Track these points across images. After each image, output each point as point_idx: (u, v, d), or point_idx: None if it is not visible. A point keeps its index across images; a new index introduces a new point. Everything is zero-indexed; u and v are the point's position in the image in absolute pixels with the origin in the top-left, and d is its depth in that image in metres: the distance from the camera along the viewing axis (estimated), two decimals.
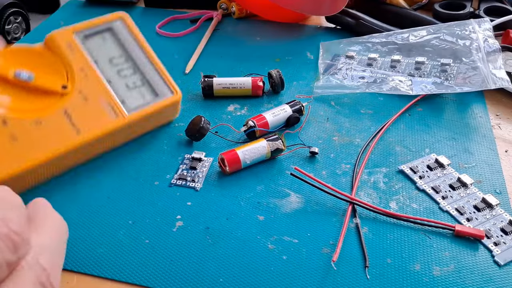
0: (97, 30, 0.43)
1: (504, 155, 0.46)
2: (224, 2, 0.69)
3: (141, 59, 0.44)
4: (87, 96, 0.40)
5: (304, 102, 0.50)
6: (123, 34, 0.44)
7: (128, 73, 0.42)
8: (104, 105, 0.40)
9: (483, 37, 0.54)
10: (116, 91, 0.41)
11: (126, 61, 0.43)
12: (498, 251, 0.37)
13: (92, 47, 0.42)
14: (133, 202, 0.41)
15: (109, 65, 0.42)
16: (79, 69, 0.40)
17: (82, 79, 0.40)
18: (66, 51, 0.40)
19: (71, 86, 0.39)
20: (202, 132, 0.45)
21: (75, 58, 0.41)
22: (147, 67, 0.44)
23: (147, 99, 0.42)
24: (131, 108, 0.41)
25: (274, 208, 0.40)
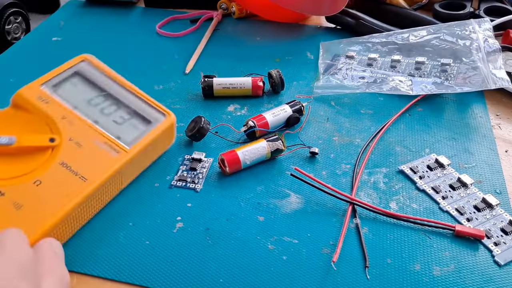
0: (64, 77, 0.41)
1: (504, 155, 0.46)
2: (224, 2, 0.69)
3: (120, 93, 0.42)
4: (79, 142, 0.37)
5: (304, 102, 0.50)
6: (92, 73, 0.42)
7: (112, 110, 0.40)
8: (101, 145, 0.38)
9: (483, 37, 0.54)
10: (107, 129, 0.39)
11: (106, 99, 0.41)
12: (498, 251, 0.37)
13: (65, 95, 0.40)
14: (134, 203, 0.41)
15: (90, 107, 0.40)
16: (60, 118, 0.38)
17: (67, 127, 0.38)
18: (39, 105, 0.38)
19: (59, 137, 0.37)
20: (202, 132, 0.45)
21: (52, 109, 0.38)
22: (129, 98, 0.42)
23: (141, 128, 0.40)
24: (129, 141, 0.39)
25: (274, 208, 0.40)
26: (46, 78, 0.40)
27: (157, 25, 0.67)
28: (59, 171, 0.35)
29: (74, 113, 0.39)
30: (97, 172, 0.36)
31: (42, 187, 0.34)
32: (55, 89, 0.40)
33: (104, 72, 0.43)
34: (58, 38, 0.65)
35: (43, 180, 0.34)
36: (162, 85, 0.55)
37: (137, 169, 0.42)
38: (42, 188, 0.34)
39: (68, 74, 0.41)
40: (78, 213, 0.36)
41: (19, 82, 0.56)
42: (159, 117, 0.42)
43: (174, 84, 0.56)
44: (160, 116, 0.42)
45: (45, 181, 0.34)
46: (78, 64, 0.43)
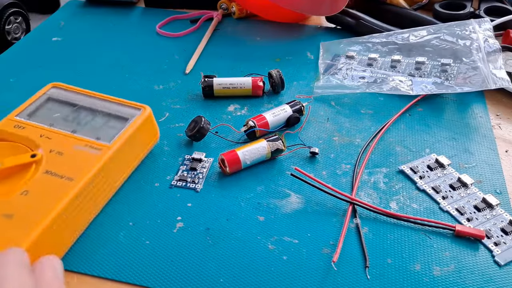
0: (37, 105, 0.43)
1: (504, 155, 0.46)
2: (224, 2, 0.69)
3: (92, 103, 0.43)
4: (60, 150, 0.38)
5: (304, 102, 0.50)
6: (63, 95, 0.44)
7: (88, 119, 0.42)
8: (82, 148, 0.39)
9: (483, 37, 0.54)
10: (86, 135, 0.40)
11: (80, 112, 0.42)
12: (498, 251, 0.37)
13: (40, 118, 0.41)
14: (134, 203, 0.41)
15: (66, 122, 0.41)
16: (38, 137, 0.39)
17: (47, 142, 0.39)
18: (17, 132, 0.40)
19: (40, 152, 0.38)
20: (202, 132, 0.45)
21: (30, 131, 0.40)
22: (102, 105, 0.43)
23: (119, 127, 0.41)
24: (108, 139, 0.40)
25: (274, 208, 0.40)
26: (20, 109, 0.42)
27: (157, 25, 0.67)
28: (44, 178, 0.36)
29: (51, 130, 0.40)
30: (82, 171, 0.37)
31: (30, 195, 0.35)
32: (30, 116, 0.42)
33: (74, 91, 0.45)
34: (58, 38, 0.65)
35: (30, 190, 0.35)
36: (162, 85, 0.55)
37: (124, 166, 0.41)
38: (30, 196, 0.35)
39: (40, 102, 0.43)
40: (72, 215, 0.35)
41: (19, 82, 0.56)
42: (135, 112, 0.42)
43: (174, 84, 0.56)
44: (135, 111, 0.43)
45: (32, 190, 0.35)
46: (48, 91, 0.45)
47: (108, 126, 0.41)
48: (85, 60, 0.60)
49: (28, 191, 0.35)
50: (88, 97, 0.44)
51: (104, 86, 0.55)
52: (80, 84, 0.47)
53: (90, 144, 0.39)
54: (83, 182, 0.36)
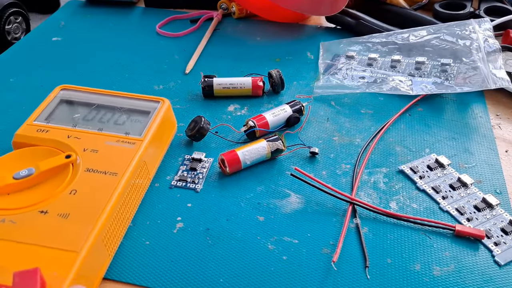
0: (51, 109, 0.43)
1: (504, 155, 0.46)
2: (224, 2, 0.69)
3: (108, 101, 0.44)
4: (94, 148, 0.39)
5: (304, 102, 0.50)
6: (75, 96, 0.45)
7: (109, 116, 0.43)
8: (114, 144, 0.39)
9: (483, 37, 0.54)
10: (113, 131, 0.41)
11: (99, 111, 0.43)
12: (498, 251, 0.37)
13: (60, 120, 0.42)
14: None
15: (89, 121, 0.42)
16: (66, 138, 0.39)
17: (77, 142, 0.39)
18: (42, 135, 0.40)
19: (73, 152, 0.38)
20: (202, 132, 0.45)
21: (55, 134, 0.40)
22: (120, 101, 0.44)
23: (143, 120, 0.42)
24: (138, 133, 0.41)
25: (274, 208, 0.40)
26: (35, 115, 0.42)
27: (157, 25, 0.67)
28: (88, 176, 0.36)
29: (77, 130, 0.40)
30: (123, 164, 0.37)
31: (79, 194, 0.35)
32: (48, 119, 0.42)
33: (84, 91, 0.45)
34: (58, 38, 0.65)
35: (78, 188, 0.35)
36: (162, 85, 0.55)
37: (156, 156, 0.43)
38: (80, 194, 0.35)
39: (54, 104, 0.43)
40: (122, 208, 0.36)
41: (19, 82, 0.56)
42: (154, 105, 0.44)
43: (174, 84, 0.56)
44: (154, 104, 0.44)
45: (79, 189, 0.35)
46: (58, 93, 0.45)
47: (133, 121, 0.42)
48: (85, 60, 0.60)
49: (77, 190, 0.35)
50: (101, 95, 0.45)
51: (104, 86, 0.55)
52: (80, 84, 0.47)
53: (122, 139, 0.40)
54: (127, 176, 0.37)
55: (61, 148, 0.39)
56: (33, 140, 0.40)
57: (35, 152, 0.39)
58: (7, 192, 0.35)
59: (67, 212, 0.34)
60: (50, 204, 0.34)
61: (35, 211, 0.34)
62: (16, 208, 0.34)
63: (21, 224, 0.33)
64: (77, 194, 0.35)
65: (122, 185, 0.36)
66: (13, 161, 0.38)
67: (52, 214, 0.34)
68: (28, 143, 0.40)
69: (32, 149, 0.39)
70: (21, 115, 0.50)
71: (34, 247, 0.31)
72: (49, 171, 0.37)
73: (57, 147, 0.39)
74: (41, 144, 0.39)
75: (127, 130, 0.41)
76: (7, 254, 0.31)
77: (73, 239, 0.32)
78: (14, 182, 0.35)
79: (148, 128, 0.41)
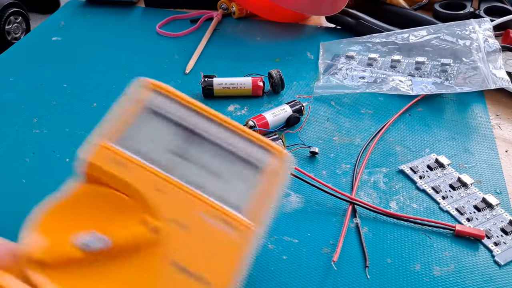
0: (135, 119, 0.30)
1: (504, 155, 0.46)
2: (224, 2, 0.69)
3: (207, 129, 0.30)
4: (183, 221, 0.26)
5: (304, 102, 0.50)
6: (166, 106, 0.30)
7: (203, 156, 0.29)
8: (211, 221, 0.27)
9: (483, 37, 0.54)
10: (207, 190, 0.27)
11: (190, 141, 0.29)
12: (498, 251, 0.37)
13: (140, 146, 0.28)
14: None
15: (176, 158, 0.28)
16: (150, 188, 0.27)
17: (161, 200, 0.27)
18: (120, 173, 0.27)
19: (155, 219, 0.26)
20: None
21: (134, 175, 0.27)
22: (220, 134, 0.29)
23: (249, 178, 0.28)
24: (239, 204, 0.27)
25: None
26: (113, 127, 0.29)
27: (157, 25, 0.67)
28: (172, 276, 0.25)
29: (163, 175, 0.27)
30: (220, 269, 0.26)
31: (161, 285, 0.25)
32: (126, 140, 0.28)
33: (179, 100, 0.30)
34: (58, 38, 0.65)
35: (159, 282, 0.25)
36: None
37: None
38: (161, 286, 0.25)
39: (139, 113, 0.30)
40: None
41: (19, 82, 0.56)
42: (265, 157, 0.29)
43: (174, 84, 0.56)
44: (265, 156, 0.29)
45: (160, 284, 0.25)
46: (149, 96, 0.30)
47: (233, 174, 0.28)
48: (85, 60, 0.60)
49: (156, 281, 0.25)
50: (199, 115, 0.30)
51: (104, 86, 0.55)
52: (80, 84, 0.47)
53: (221, 216, 0.27)
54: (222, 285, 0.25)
55: (141, 202, 0.27)
56: (107, 178, 0.27)
57: (107, 199, 0.27)
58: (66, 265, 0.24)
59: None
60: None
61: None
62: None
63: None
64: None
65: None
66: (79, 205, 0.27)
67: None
68: (96, 176, 0.27)
69: (105, 191, 0.27)
70: (20, 114, 0.50)
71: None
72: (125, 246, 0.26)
73: (136, 197, 0.27)
74: (116, 187, 0.27)
75: (224, 193, 0.28)
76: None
77: None
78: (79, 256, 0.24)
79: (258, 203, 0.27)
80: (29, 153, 0.45)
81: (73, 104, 0.52)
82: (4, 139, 0.47)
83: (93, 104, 0.52)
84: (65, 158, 0.45)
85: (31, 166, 0.44)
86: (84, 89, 0.55)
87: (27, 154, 0.45)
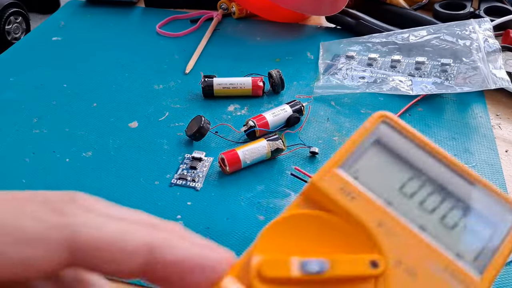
0: (361, 151, 0.28)
1: (504, 155, 0.46)
2: (224, 2, 0.69)
3: (438, 172, 0.27)
4: (411, 267, 0.24)
5: (304, 102, 0.50)
6: (395, 141, 0.28)
7: (435, 203, 0.26)
8: (440, 272, 0.24)
9: (483, 37, 0.54)
10: (440, 241, 0.25)
11: (422, 184, 0.27)
12: None
13: (368, 179, 0.27)
14: (134, 201, 0.40)
15: (405, 199, 0.26)
16: (376, 225, 0.25)
17: (388, 240, 0.25)
18: (345, 203, 0.25)
19: (381, 258, 0.24)
20: (202, 132, 0.45)
21: (362, 208, 0.26)
22: (454, 181, 0.27)
23: (485, 236, 0.26)
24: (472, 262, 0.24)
25: (274, 208, 0.40)
26: (341, 157, 0.28)
27: (157, 25, 0.67)
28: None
29: (391, 215, 0.26)
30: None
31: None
32: (356, 171, 0.27)
33: (410, 137, 0.28)
34: (58, 38, 0.65)
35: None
36: (162, 85, 0.56)
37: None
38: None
39: (366, 145, 0.28)
40: None
41: (19, 82, 0.56)
42: (507, 216, 0.26)
43: (174, 84, 0.56)
44: (508, 213, 0.26)
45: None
46: (377, 127, 0.28)
47: (466, 229, 0.26)
48: (85, 60, 0.60)
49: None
50: (430, 156, 0.28)
51: (104, 86, 0.55)
52: (80, 84, 0.47)
53: (452, 269, 0.24)
54: None
55: (365, 238, 0.25)
56: (332, 206, 0.26)
57: (332, 227, 0.26)
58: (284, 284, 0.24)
59: None
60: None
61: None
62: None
63: None
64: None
65: None
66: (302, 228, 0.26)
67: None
68: (325, 205, 0.26)
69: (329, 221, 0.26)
70: (20, 114, 0.51)
71: None
72: (343, 277, 0.24)
73: (361, 232, 0.25)
74: (340, 214, 0.26)
75: (457, 248, 0.25)
76: None
77: None
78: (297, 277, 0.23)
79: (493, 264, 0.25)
80: (29, 153, 0.45)
81: (73, 104, 0.52)
82: (4, 139, 0.47)
83: (93, 104, 0.52)
84: (65, 158, 0.45)
85: (31, 166, 0.44)
86: (84, 89, 0.55)
87: (27, 154, 0.45)
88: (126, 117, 0.50)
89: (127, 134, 0.48)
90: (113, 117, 0.50)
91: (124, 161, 0.45)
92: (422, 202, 0.26)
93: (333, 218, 0.26)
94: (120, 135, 0.48)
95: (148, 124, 0.49)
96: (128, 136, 0.48)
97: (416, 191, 0.26)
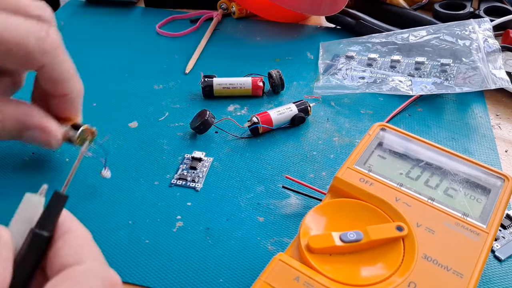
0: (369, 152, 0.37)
1: (504, 155, 0.46)
2: (224, 2, 0.69)
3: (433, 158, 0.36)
4: (429, 226, 0.31)
5: (312, 103, 0.50)
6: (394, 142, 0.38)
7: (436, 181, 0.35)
8: (453, 227, 0.31)
9: (483, 37, 0.54)
10: (448, 206, 0.33)
11: (423, 169, 0.35)
12: (498, 246, 0.37)
13: (381, 171, 0.35)
14: (133, 202, 0.41)
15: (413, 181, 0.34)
16: (394, 201, 0.32)
17: (406, 210, 0.32)
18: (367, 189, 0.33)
19: (404, 223, 0.31)
20: (206, 125, 0.45)
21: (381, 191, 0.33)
22: (447, 163, 0.36)
23: (483, 200, 0.33)
24: (479, 218, 0.32)
25: (274, 209, 0.40)
26: (355, 157, 0.36)
27: (157, 25, 0.67)
28: (426, 266, 0.29)
29: (404, 192, 0.33)
30: (468, 264, 0.29)
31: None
32: (369, 166, 0.35)
33: (405, 136, 0.38)
34: None
35: (416, 281, 0.28)
36: (162, 84, 0.55)
37: None
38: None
39: (372, 147, 0.37)
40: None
41: None
42: (495, 181, 0.35)
43: (174, 84, 0.56)
44: (495, 180, 0.35)
45: (419, 283, 0.28)
46: (378, 133, 0.38)
47: (468, 197, 0.34)
48: (85, 60, 0.60)
49: (416, 285, 0.28)
50: (423, 147, 0.37)
51: (104, 86, 0.55)
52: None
53: (462, 224, 0.31)
54: (474, 281, 0.28)
55: (388, 211, 0.32)
56: (354, 191, 0.33)
57: (359, 208, 0.32)
58: (330, 252, 0.30)
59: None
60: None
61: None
62: (337, 281, 0.28)
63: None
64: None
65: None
66: (335, 213, 0.32)
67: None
68: (346, 191, 0.34)
69: (356, 204, 0.33)
70: None
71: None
72: (376, 241, 0.30)
73: (383, 208, 0.32)
74: (363, 199, 0.33)
75: (464, 210, 0.32)
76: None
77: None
78: (340, 246, 0.30)
79: (493, 216, 0.32)
80: (29, 153, 0.45)
81: None
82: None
83: (93, 104, 0.52)
84: (65, 158, 0.45)
85: (31, 166, 0.44)
86: (84, 89, 0.55)
87: (27, 154, 0.45)
88: (125, 117, 0.50)
89: (127, 134, 0.48)
90: (113, 117, 0.50)
91: (123, 161, 0.45)
92: (426, 182, 0.34)
93: (358, 202, 0.33)
94: (120, 135, 0.48)
95: (148, 124, 0.49)
96: (127, 136, 0.48)
97: (419, 175, 0.35)
